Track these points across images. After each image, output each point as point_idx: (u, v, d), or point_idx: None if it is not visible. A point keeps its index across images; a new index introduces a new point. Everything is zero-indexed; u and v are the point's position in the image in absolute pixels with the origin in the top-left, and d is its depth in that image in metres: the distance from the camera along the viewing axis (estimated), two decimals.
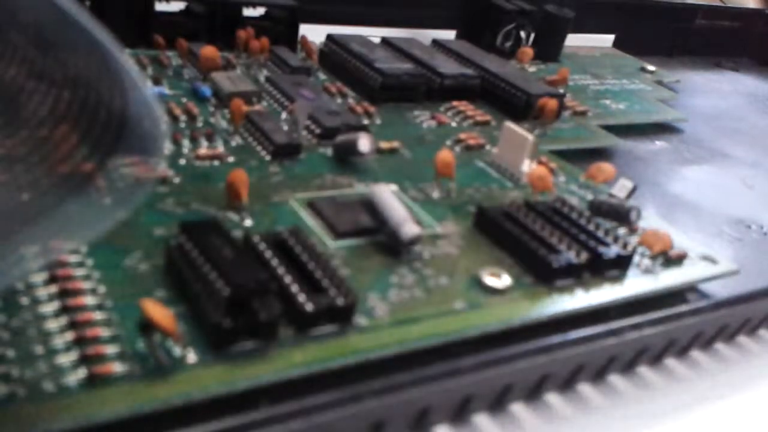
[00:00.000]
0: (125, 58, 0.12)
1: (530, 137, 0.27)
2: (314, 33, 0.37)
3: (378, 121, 0.30)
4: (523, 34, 0.43)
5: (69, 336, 0.15)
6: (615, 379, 0.20)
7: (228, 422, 0.14)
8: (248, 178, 0.21)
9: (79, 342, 0.15)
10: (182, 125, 0.26)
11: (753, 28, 0.60)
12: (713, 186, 0.34)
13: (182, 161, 0.24)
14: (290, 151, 0.25)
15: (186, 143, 0.25)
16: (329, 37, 0.36)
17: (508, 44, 0.43)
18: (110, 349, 0.15)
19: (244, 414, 0.14)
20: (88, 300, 0.16)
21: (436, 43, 0.39)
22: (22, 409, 0.13)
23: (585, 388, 0.19)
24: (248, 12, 0.35)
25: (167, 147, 0.13)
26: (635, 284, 0.21)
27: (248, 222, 0.21)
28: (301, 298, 0.17)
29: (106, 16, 0.32)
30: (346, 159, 0.26)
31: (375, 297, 0.19)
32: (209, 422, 0.14)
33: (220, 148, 0.25)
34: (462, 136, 0.30)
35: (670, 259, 0.23)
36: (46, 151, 0.16)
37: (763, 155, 0.39)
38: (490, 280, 0.20)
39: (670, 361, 0.21)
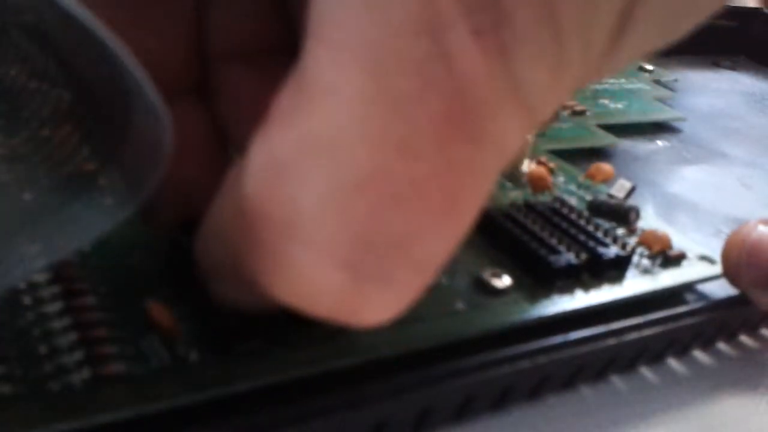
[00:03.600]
0: (130, 59, 0.12)
1: (529, 137, 0.27)
2: None
3: None
4: None
5: (73, 336, 0.15)
6: (615, 379, 0.20)
7: (228, 423, 0.14)
8: None
9: (83, 342, 0.15)
10: None
11: (751, 27, 0.60)
12: (711, 186, 0.34)
13: None
14: None
15: None
16: None
17: None
18: (113, 349, 0.15)
19: (245, 414, 0.14)
20: (91, 300, 0.16)
21: None
22: (26, 409, 0.13)
23: (585, 388, 0.19)
24: None
25: (170, 147, 0.13)
26: (634, 284, 0.21)
27: None
28: None
29: None
30: None
31: None
32: (210, 422, 0.14)
33: None
34: None
35: (669, 259, 0.23)
36: (47, 151, 0.16)
37: (760, 155, 0.39)
38: (490, 281, 0.20)
39: (670, 361, 0.21)
